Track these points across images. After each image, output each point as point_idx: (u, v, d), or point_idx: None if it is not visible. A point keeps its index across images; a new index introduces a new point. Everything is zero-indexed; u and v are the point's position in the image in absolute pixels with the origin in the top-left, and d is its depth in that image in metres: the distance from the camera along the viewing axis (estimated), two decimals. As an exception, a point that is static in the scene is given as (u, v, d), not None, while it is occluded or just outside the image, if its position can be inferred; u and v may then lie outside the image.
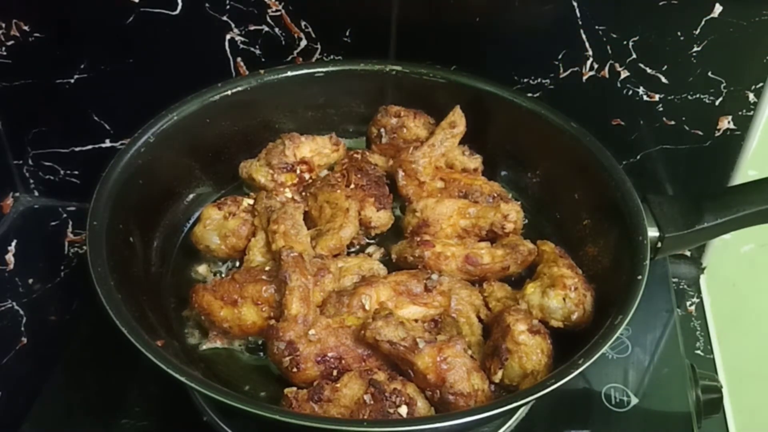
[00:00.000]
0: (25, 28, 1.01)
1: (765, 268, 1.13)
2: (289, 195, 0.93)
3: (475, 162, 0.98)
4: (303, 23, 1.00)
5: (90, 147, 1.12)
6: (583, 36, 0.96)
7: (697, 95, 0.99)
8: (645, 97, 1.00)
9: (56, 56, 1.04)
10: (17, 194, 1.18)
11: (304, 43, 1.01)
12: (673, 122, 1.02)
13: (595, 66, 0.99)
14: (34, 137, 1.12)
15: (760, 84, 0.96)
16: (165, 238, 0.91)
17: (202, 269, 0.90)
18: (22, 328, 1.01)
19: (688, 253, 1.14)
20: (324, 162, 0.98)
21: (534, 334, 0.76)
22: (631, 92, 1.00)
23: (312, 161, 0.96)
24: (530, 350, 0.75)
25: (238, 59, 1.03)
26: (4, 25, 1.01)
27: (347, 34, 1.00)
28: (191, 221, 0.95)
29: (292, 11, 0.99)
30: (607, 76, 0.99)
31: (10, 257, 1.10)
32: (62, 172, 1.16)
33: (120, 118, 1.09)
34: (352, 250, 0.91)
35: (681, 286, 1.12)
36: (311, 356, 0.73)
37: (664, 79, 0.98)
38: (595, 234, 0.88)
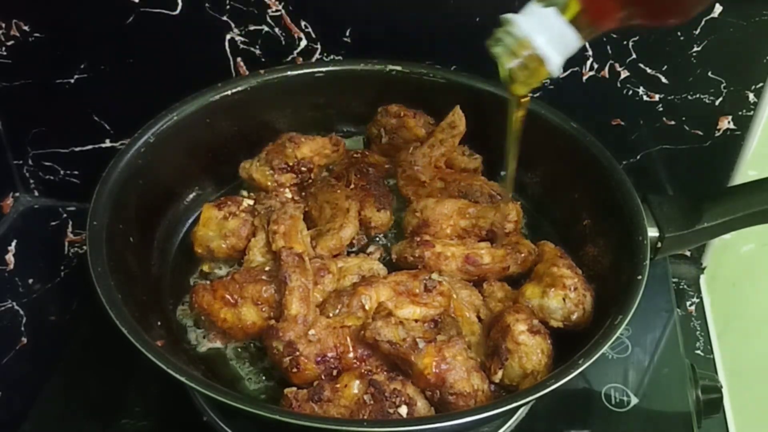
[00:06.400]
0: (25, 28, 1.01)
1: (765, 268, 1.13)
2: (289, 195, 0.92)
3: (475, 162, 0.98)
4: (303, 23, 1.00)
5: (90, 147, 1.12)
6: (583, 36, 0.96)
7: (697, 95, 0.99)
8: (645, 97, 1.00)
9: (56, 56, 1.04)
10: (17, 194, 1.18)
11: (304, 43, 1.01)
12: (673, 122, 1.02)
13: (595, 66, 0.99)
14: (34, 137, 1.12)
15: (760, 84, 0.96)
16: (165, 238, 0.91)
17: (202, 269, 0.90)
18: (22, 328, 1.01)
19: (688, 253, 1.14)
20: (324, 162, 0.98)
21: (534, 334, 0.76)
22: (631, 92, 1.00)
23: (312, 161, 0.96)
24: (530, 350, 0.75)
25: (238, 59, 1.03)
26: (4, 25, 1.01)
27: (347, 34, 1.00)
28: (191, 221, 0.95)
29: (292, 11, 0.99)
30: (607, 76, 0.99)
31: (10, 257, 1.10)
32: (62, 172, 1.16)
33: (120, 118, 1.09)
34: (352, 250, 0.91)
35: (681, 286, 1.12)
36: (311, 356, 0.73)
37: (664, 79, 0.98)
38: (595, 234, 0.88)
